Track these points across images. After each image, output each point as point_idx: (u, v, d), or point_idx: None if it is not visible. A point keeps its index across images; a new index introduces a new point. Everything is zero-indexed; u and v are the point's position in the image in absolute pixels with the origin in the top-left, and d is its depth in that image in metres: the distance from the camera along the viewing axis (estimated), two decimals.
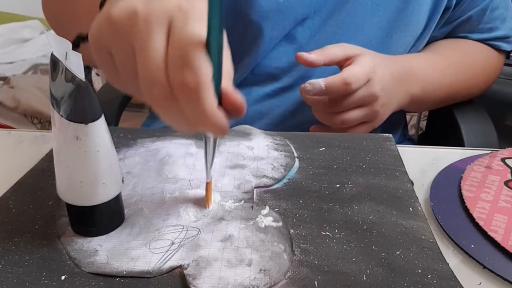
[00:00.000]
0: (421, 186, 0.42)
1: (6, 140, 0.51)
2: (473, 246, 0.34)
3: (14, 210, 0.37)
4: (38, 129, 1.41)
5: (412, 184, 0.40)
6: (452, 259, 0.33)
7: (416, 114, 1.57)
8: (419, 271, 0.31)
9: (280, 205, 0.37)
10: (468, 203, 0.38)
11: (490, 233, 0.34)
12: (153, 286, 0.29)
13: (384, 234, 0.34)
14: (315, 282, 0.30)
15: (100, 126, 0.31)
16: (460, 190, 0.40)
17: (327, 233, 0.34)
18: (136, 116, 1.37)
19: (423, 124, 1.39)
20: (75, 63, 0.29)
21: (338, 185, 0.40)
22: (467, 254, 0.33)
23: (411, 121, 1.66)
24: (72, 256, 0.32)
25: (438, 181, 0.42)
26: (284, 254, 0.32)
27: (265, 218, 0.35)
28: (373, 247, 0.33)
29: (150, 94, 0.29)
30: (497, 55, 0.69)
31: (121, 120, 0.77)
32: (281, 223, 0.35)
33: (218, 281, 0.29)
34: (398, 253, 0.32)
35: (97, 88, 1.75)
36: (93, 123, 0.30)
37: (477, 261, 0.33)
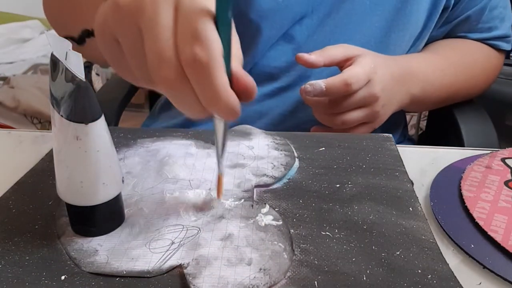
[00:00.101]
0: (421, 186, 0.42)
1: (6, 140, 0.51)
2: (473, 246, 0.34)
3: (14, 210, 0.37)
4: (38, 129, 1.41)
5: (412, 184, 0.40)
6: (452, 259, 0.33)
7: (416, 114, 1.57)
8: (419, 271, 0.31)
9: (280, 205, 0.37)
10: (468, 203, 0.38)
11: (490, 233, 0.34)
12: (153, 286, 0.29)
13: (384, 234, 0.34)
14: (315, 282, 0.30)
15: (100, 126, 0.31)
16: (460, 190, 0.40)
17: (327, 233, 0.34)
18: (136, 116, 1.37)
19: (423, 124, 1.39)
20: (75, 63, 0.29)
21: (338, 185, 0.40)
22: (467, 254, 0.33)
23: (411, 121, 1.66)
24: (72, 256, 0.32)
25: (438, 181, 0.42)
26: (284, 253, 0.32)
27: (265, 217, 0.35)
28: (373, 247, 0.33)
29: (160, 75, 0.28)
30: (497, 55, 0.69)
31: (121, 120, 0.77)
32: (281, 222, 0.35)
33: (218, 280, 0.29)
34: (398, 253, 0.32)
35: (97, 88, 1.75)
36: (93, 123, 0.30)
37: (477, 261, 0.33)
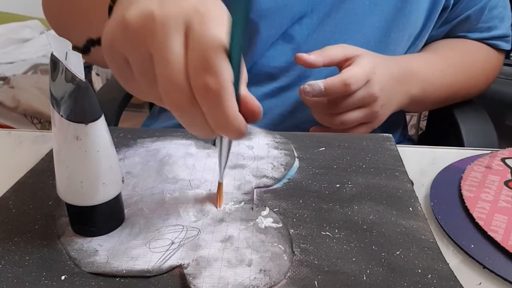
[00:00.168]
0: (421, 186, 0.42)
1: (6, 140, 0.51)
2: (473, 246, 0.34)
3: (14, 210, 0.37)
4: (38, 129, 1.41)
5: (412, 184, 0.40)
6: (452, 259, 0.33)
7: (416, 114, 1.57)
8: (419, 271, 0.31)
9: (280, 205, 0.37)
10: (468, 203, 0.38)
11: (490, 233, 0.34)
12: (153, 286, 0.29)
13: (384, 234, 0.34)
14: (315, 282, 0.30)
15: (100, 126, 0.31)
16: (460, 190, 0.40)
17: (327, 233, 0.34)
18: (136, 116, 1.37)
19: (423, 124, 1.39)
20: (75, 63, 0.29)
21: (338, 185, 0.40)
22: (467, 254, 0.33)
23: (411, 121, 1.66)
24: (72, 256, 0.32)
25: (438, 181, 0.42)
26: (284, 255, 0.32)
27: (265, 219, 0.35)
28: (373, 247, 0.33)
29: (171, 99, 0.28)
30: (497, 55, 0.69)
31: (121, 120, 0.77)
32: (281, 224, 0.35)
33: (218, 281, 0.29)
34: (398, 253, 0.32)
35: (97, 88, 1.75)
36: (93, 123, 0.30)
37: (477, 261, 0.33)
